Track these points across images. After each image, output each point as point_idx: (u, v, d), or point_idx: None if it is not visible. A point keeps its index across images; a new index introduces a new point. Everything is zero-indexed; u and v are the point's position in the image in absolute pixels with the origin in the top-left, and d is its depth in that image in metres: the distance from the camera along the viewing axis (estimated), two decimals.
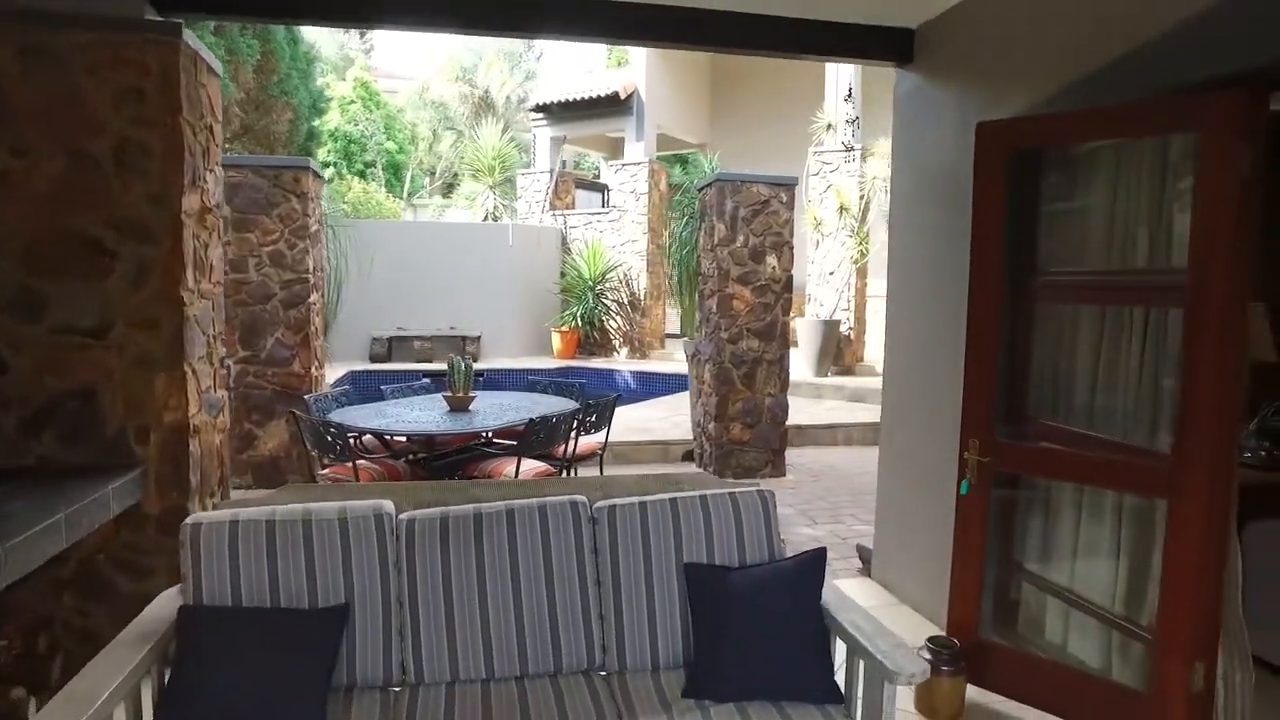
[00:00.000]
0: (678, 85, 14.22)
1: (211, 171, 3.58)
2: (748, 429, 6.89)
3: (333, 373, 10.73)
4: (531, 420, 4.57)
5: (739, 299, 6.80)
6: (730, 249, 6.76)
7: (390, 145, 29.98)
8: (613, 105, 13.14)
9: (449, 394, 5.21)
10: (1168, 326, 2.86)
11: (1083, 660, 3.16)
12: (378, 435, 4.96)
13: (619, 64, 15.11)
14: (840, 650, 2.45)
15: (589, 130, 14.10)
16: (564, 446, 5.12)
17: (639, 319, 13.10)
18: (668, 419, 8.70)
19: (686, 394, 10.63)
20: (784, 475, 7.01)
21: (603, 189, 16.13)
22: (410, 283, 12.27)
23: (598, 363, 12.61)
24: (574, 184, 14.72)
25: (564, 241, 13.70)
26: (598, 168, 17.60)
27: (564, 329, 12.98)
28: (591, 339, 13.16)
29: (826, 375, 10.51)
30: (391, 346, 12.05)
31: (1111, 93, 2.92)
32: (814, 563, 2.55)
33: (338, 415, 4.87)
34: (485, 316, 12.59)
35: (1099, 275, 3.23)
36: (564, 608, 2.49)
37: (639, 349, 13.12)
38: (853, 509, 6.01)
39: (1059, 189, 3.41)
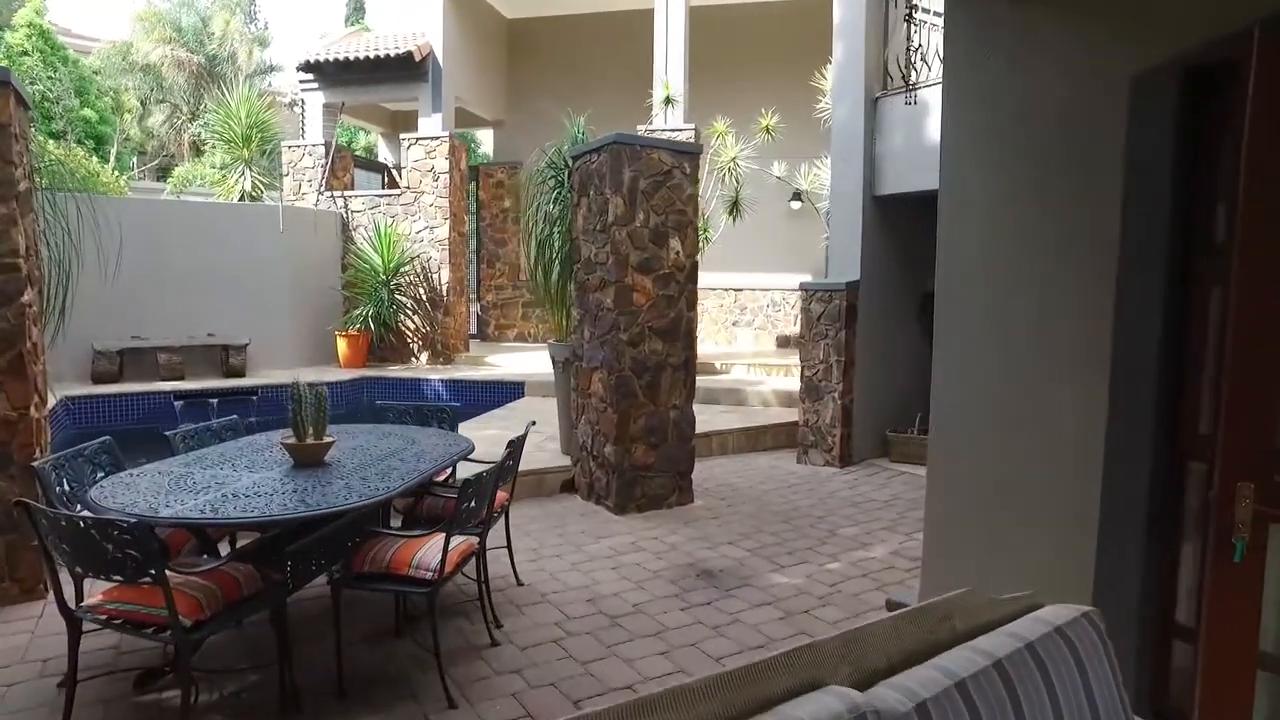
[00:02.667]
0: (473, 51, 12.51)
1: None
2: (652, 449, 5.64)
3: None
4: (465, 482, 2.98)
5: (640, 291, 5.52)
6: (629, 229, 5.45)
7: (88, 113, 24.77)
8: (404, 69, 11.16)
9: (292, 441, 3.41)
10: None
11: None
12: (198, 529, 3.08)
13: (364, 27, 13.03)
14: None
15: (373, 97, 11.96)
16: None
17: (441, 318, 11.29)
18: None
19: (519, 405, 9.14)
20: (692, 501, 5.85)
21: (383, 169, 13.96)
22: (149, 278, 9.47)
23: (396, 371, 10.66)
24: (352, 162, 12.46)
25: (346, 227, 11.48)
26: (375, 148, 15.32)
27: (351, 332, 10.83)
28: (385, 343, 11.13)
29: None
30: (124, 362, 9.22)
31: None
32: None
33: (109, 494, 2.92)
34: (252, 320, 10.10)
35: None
36: None
37: (442, 354, 11.31)
38: (804, 541, 4.98)
39: None
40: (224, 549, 3.60)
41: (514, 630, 3.66)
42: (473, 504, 3.07)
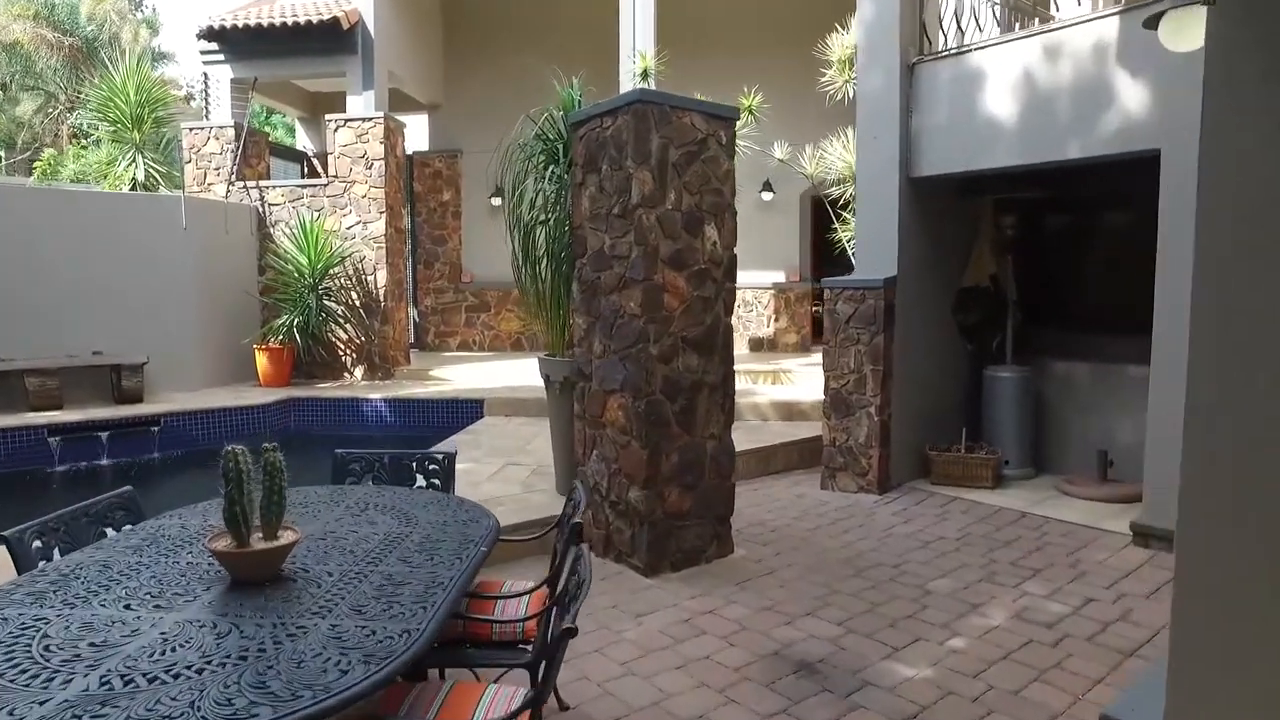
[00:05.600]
0: (406, 22, 11.06)
1: None
2: (687, 492, 4.48)
3: None
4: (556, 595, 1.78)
5: (672, 292, 4.35)
6: (658, 212, 4.28)
7: None
8: (328, 38, 9.63)
9: (228, 545, 2.12)
10: None
11: None
12: None
13: None
14: None
15: (292, 71, 10.36)
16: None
17: (379, 327, 9.84)
18: (494, 474, 5.92)
19: (481, 428, 7.83)
20: (733, 551, 4.73)
21: (302, 158, 12.34)
22: (11, 282, 7.76)
23: (327, 390, 9.17)
24: (269, 149, 10.83)
25: (262, 223, 9.88)
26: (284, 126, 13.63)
27: (273, 345, 9.28)
28: (314, 357, 9.61)
29: None
30: None
31: None
32: None
33: None
34: (149, 333, 8.45)
35: None
36: None
37: (380, 368, 9.86)
38: (897, 605, 3.91)
39: None
40: None
41: None
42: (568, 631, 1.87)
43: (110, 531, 2.75)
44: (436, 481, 3.46)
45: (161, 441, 7.51)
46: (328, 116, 9.84)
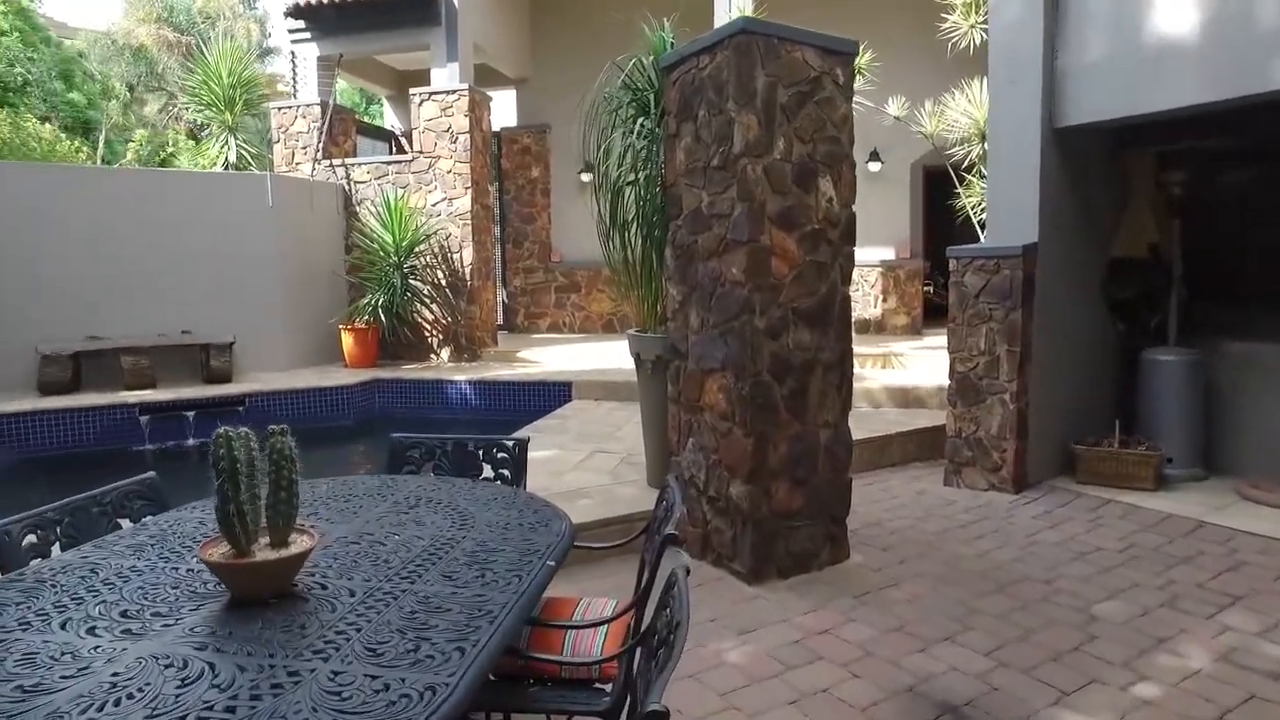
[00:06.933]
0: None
1: None
2: (798, 488, 3.86)
3: None
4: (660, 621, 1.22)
5: (781, 255, 3.73)
6: (765, 163, 3.65)
7: (75, 97, 23.19)
8: (412, 10, 9.34)
9: (223, 554, 1.65)
10: None
11: None
12: None
13: None
14: None
15: (377, 46, 10.13)
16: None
17: (465, 307, 9.53)
18: (580, 463, 5.43)
19: (569, 412, 7.38)
20: (849, 557, 4.08)
21: (390, 137, 12.19)
22: (110, 264, 7.79)
23: (412, 371, 8.92)
24: (354, 127, 10.67)
25: (348, 201, 9.71)
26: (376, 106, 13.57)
27: (359, 325, 9.08)
28: (399, 338, 9.38)
29: None
30: (80, 367, 7.51)
31: None
32: None
33: None
34: (237, 313, 8.38)
35: None
36: None
37: (467, 349, 9.56)
38: (1055, 632, 3.20)
39: None
40: None
41: None
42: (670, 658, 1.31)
43: (126, 524, 2.37)
44: (505, 473, 2.96)
45: (246, 421, 7.36)
46: (412, 91, 9.56)
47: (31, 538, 2.11)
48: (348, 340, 9.05)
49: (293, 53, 10.09)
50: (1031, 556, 4.07)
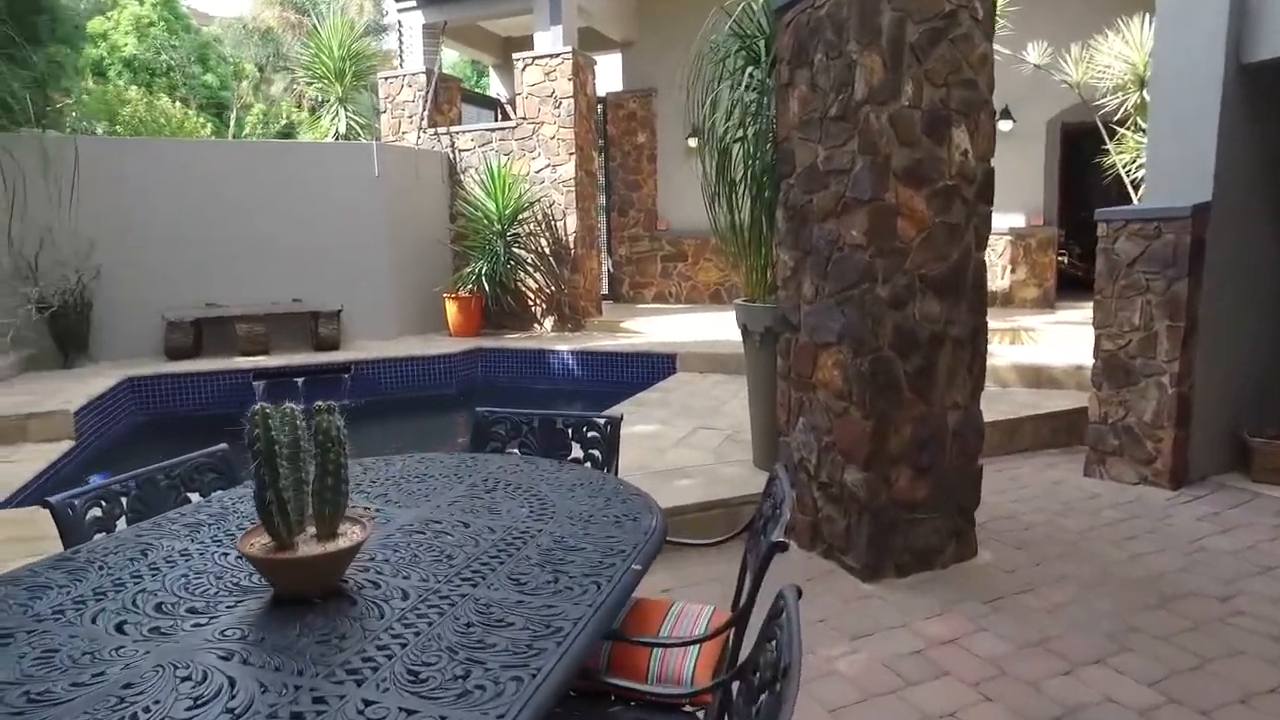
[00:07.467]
0: None
1: None
2: (921, 476, 3.45)
3: (101, 381, 6.53)
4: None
5: (908, 216, 3.30)
6: (891, 110, 3.22)
7: (209, 79, 24.52)
8: None
9: (264, 546, 1.45)
10: None
11: None
12: None
13: None
14: None
15: (480, 12, 10.02)
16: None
17: (568, 276, 9.37)
18: (682, 439, 5.14)
19: (672, 385, 7.11)
20: (976, 555, 3.65)
21: (496, 105, 12.13)
22: (226, 233, 8.02)
23: (515, 340, 8.84)
24: (459, 95, 10.63)
25: (453, 170, 9.69)
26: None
27: (462, 294, 9.07)
28: (502, 306, 9.34)
29: None
30: (201, 333, 7.78)
31: None
32: None
33: None
34: (345, 282, 8.50)
35: None
36: None
37: (570, 319, 9.41)
38: (1246, 666, 2.70)
39: None
40: None
41: None
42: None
43: (195, 498, 2.25)
44: (596, 453, 2.70)
45: (352, 389, 7.47)
46: (515, 56, 9.39)
47: (96, 511, 2.00)
48: (451, 309, 9.07)
49: (399, 22, 10.11)
50: (1200, 566, 3.53)
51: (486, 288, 9.01)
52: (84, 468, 5.33)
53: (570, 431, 2.77)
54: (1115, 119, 6.09)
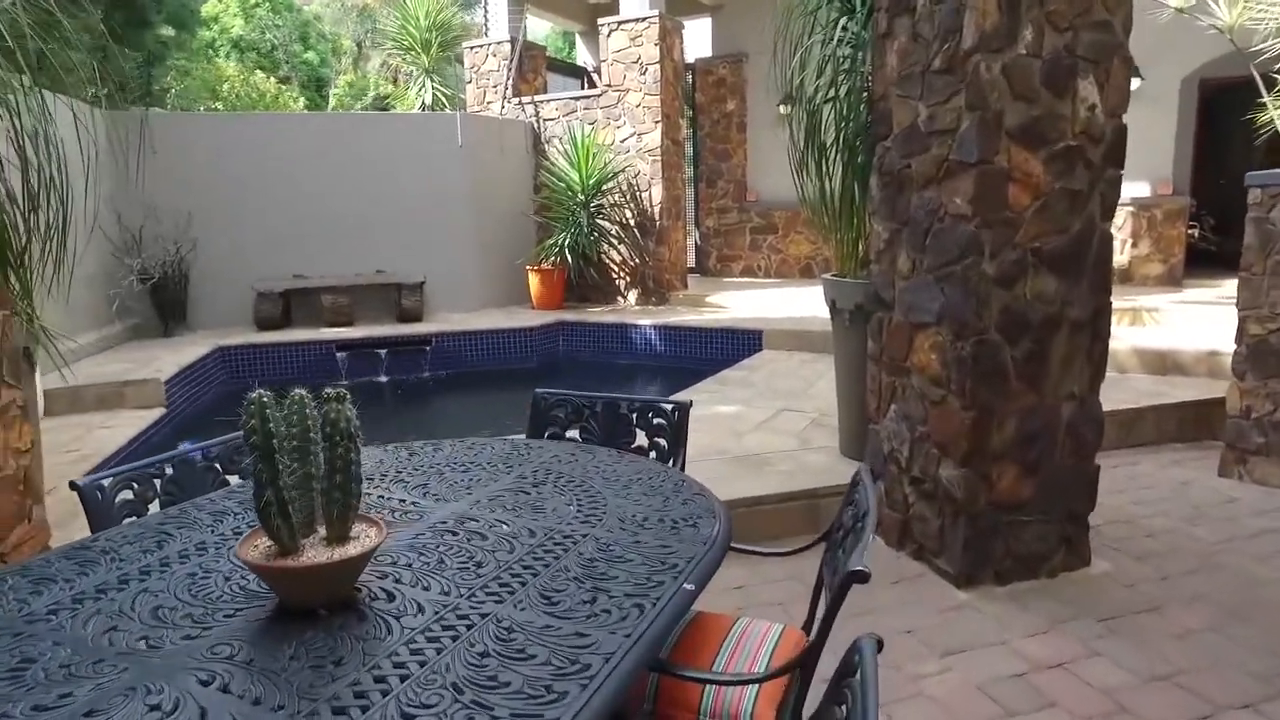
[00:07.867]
0: None
1: None
2: (1028, 475, 3.08)
3: (193, 350, 6.72)
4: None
5: (1021, 181, 2.91)
6: (1005, 59, 2.83)
7: (310, 56, 25.28)
8: None
9: (266, 552, 1.28)
10: None
11: None
12: None
13: None
14: None
15: None
16: None
17: (653, 248, 9.13)
18: (764, 422, 4.86)
19: (757, 363, 6.81)
20: (1089, 563, 3.26)
21: (582, 74, 11.92)
22: (312, 205, 8.12)
23: (597, 314, 8.69)
24: (544, 63, 10.47)
25: (537, 140, 9.55)
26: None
27: (545, 267, 8.96)
28: (585, 279, 9.19)
29: None
30: (289, 304, 7.93)
31: None
32: None
33: None
34: (428, 253, 8.50)
35: None
36: None
37: (654, 292, 9.19)
38: None
39: None
40: None
41: None
42: None
43: (234, 481, 2.14)
44: (661, 441, 2.48)
45: (432, 361, 7.48)
46: (600, 21, 9.13)
47: (127, 494, 1.91)
48: (534, 281, 8.98)
49: None
50: None
51: (569, 260, 8.88)
52: (174, 435, 5.46)
53: (635, 417, 2.55)
54: (1277, 68, 5.37)
